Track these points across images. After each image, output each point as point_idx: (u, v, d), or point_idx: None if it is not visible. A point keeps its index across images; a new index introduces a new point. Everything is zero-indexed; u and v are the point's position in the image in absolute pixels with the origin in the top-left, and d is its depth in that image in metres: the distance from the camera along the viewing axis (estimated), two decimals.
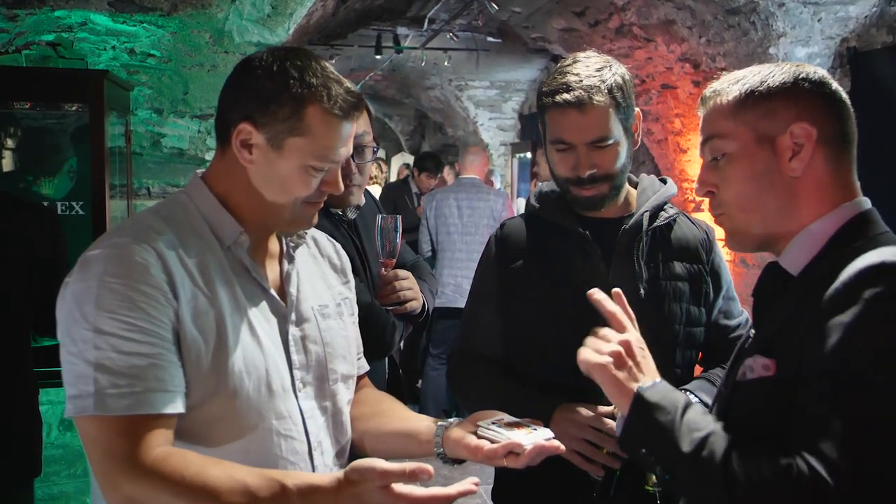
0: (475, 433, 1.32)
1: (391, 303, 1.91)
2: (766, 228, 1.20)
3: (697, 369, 1.79)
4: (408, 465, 1.07)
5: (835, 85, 1.20)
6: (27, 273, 2.37)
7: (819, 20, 3.86)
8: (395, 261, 1.95)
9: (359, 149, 1.85)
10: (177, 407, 1.16)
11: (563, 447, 1.28)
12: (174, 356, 1.17)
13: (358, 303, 1.64)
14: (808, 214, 1.17)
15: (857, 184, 1.21)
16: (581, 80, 1.60)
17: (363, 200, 1.99)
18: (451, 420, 1.39)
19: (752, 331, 1.28)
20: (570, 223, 1.72)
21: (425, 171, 6.73)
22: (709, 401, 1.53)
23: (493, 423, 1.31)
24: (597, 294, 1.28)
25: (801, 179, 1.17)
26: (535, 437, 1.27)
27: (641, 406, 1.16)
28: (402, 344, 1.97)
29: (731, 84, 1.23)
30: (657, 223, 1.72)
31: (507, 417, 1.33)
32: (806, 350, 1.06)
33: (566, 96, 1.60)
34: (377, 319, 1.84)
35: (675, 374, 1.66)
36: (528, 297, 1.71)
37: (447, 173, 7.18)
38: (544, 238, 1.75)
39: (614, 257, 1.69)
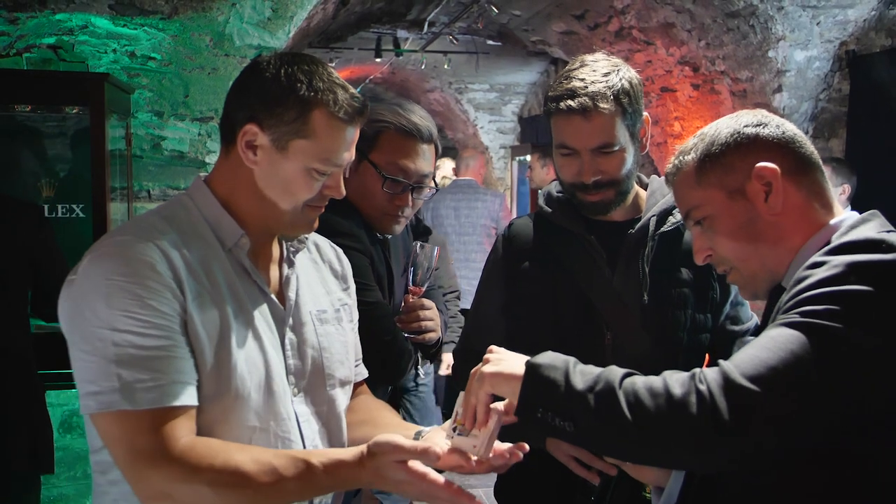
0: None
1: (411, 331, 1.89)
2: (767, 269, 1.25)
3: None
4: (419, 444, 1.11)
5: (776, 121, 1.26)
6: (22, 266, 2.40)
7: (818, 23, 3.87)
8: (423, 289, 1.93)
9: (420, 185, 1.86)
10: (195, 399, 1.18)
11: (519, 455, 1.23)
12: (186, 349, 1.18)
13: (384, 327, 1.65)
14: (799, 241, 1.22)
15: (836, 200, 1.27)
16: (586, 87, 1.58)
17: None
18: (430, 428, 1.39)
19: None
20: (575, 227, 1.71)
21: None
22: None
23: (455, 428, 1.25)
24: None
25: (782, 215, 1.22)
26: (485, 443, 1.20)
27: (532, 371, 1.16)
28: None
29: (686, 156, 1.29)
30: (664, 228, 1.70)
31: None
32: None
33: (570, 103, 1.58)
34: (398, 347, 1.82)
35: None
36: (533, 300, 1.71)
37: (447, 171, 7.18)
38: (551, 240, 1.74)
39: (619, 262, 1.68)
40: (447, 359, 2.78)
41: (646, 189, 1.78)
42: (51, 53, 3.20)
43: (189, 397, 1.16)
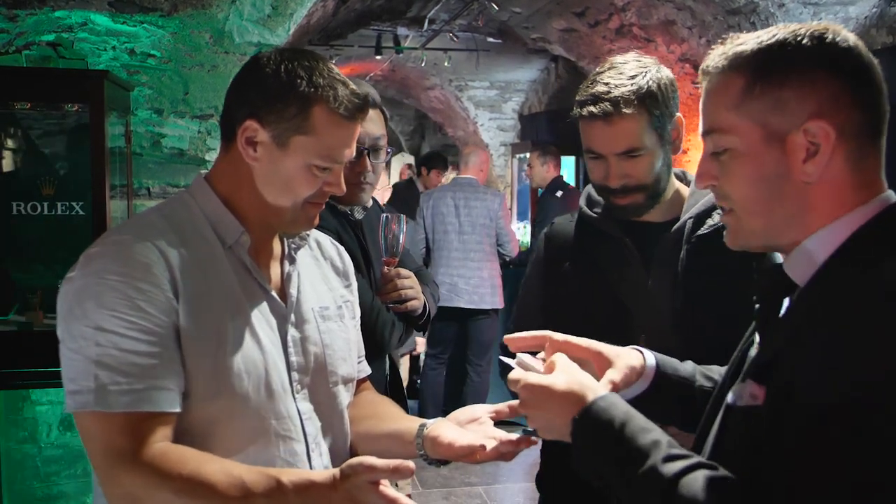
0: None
1: (392, 301, 1.93)
2: (770, 234, 1.04)
3: None
4: (391, 462, 1.09)
5: (866, 61, 0.99)
6: None
7: (819, 20, 3.87)
8: (397, 259, 1.96)
9: (374, 149, 1.89)
10: (175, 405, 1.17)
11: (533, 440, 1.24)
12: (174, 355, 1.18)
13: (360, 298, 1.64)
14: (818, 222, 0.99)
15: (883, 178, 1.01)
16: (610, 91, 1.56)
17: (371, 201, 2.00)
18: (434, 420, 1.39)
19: (758, 336, 1.14)
20: (611, 229, 1.68)
21: (435, 169, 6.83)
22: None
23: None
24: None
25: (815, 184, 0.98)
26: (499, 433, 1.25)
27: (593, 420, 1.06)
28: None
29: (737, 67, 1.03)
30: (701, 231, 1.63)
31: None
32: (800, 381, 0.90)
33: (592, 108, 1.56)
34: (377, 316, 1.86)
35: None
36: (570, 301, 1.69)
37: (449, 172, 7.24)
38: (588, 241, 1.72)
39: (654, 266, 1.64)
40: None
41: (689, 187, 1.72)
42: (50, 51, 3.19)
43: (167, 403, 1.16)
